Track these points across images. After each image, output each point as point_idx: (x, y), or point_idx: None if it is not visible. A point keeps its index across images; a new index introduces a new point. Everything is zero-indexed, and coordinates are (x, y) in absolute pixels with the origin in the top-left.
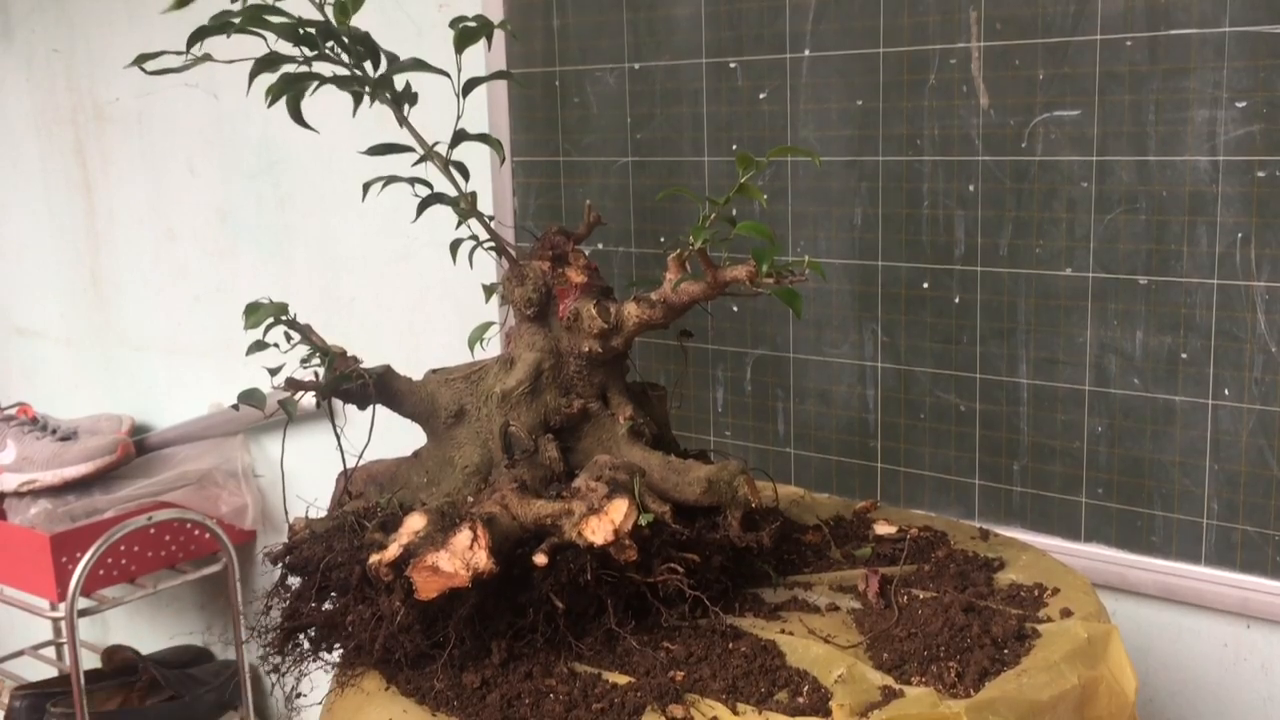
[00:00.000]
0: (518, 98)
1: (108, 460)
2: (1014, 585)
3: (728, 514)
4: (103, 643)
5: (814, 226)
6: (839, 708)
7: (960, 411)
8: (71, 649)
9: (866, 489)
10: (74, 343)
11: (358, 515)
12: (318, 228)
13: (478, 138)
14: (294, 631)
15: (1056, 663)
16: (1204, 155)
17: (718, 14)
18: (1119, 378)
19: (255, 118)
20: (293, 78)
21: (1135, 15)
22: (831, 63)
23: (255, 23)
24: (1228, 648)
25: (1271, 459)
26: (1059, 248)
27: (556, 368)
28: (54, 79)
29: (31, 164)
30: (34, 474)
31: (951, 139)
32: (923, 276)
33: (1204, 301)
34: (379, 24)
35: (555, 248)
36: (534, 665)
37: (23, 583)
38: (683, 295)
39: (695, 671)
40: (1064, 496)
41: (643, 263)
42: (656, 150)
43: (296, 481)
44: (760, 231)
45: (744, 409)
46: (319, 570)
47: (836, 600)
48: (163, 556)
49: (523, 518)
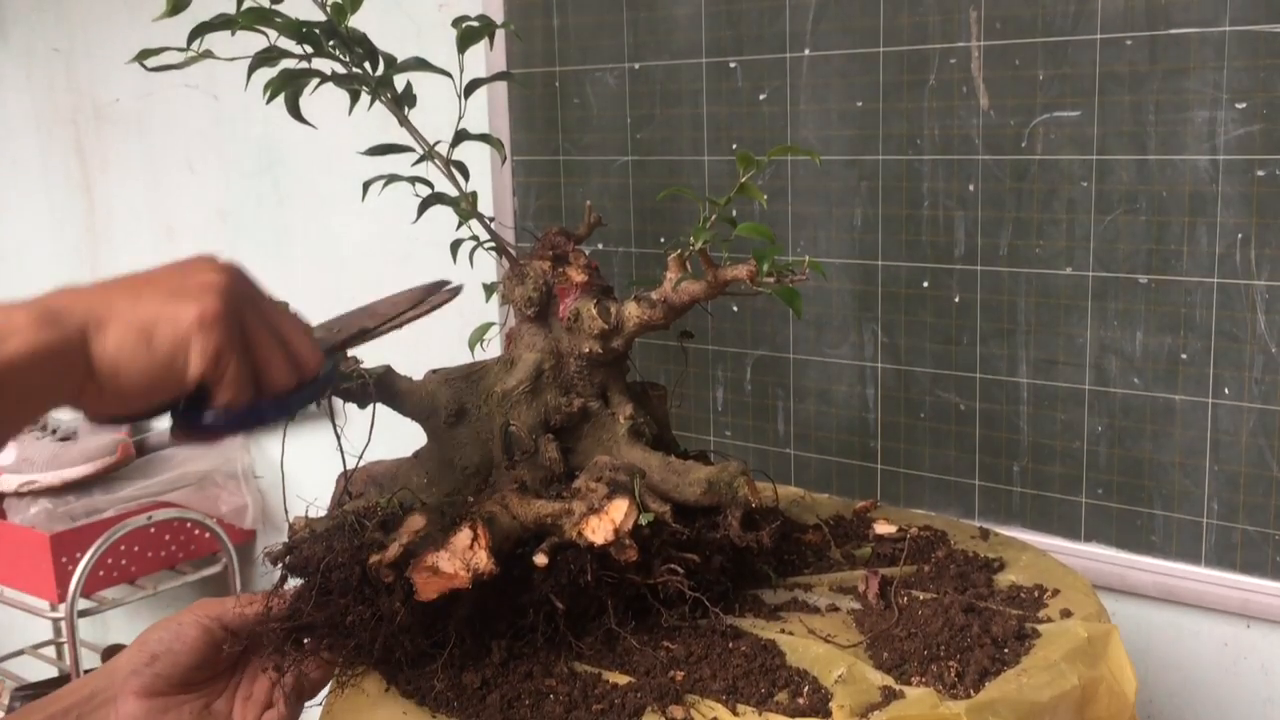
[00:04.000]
0: (518, 98)
1: (108, 460)
2: (1014, 585)
3: (728, 514)
4: (103, 643)
5: (814, 226)
6: (839, 708)
7: (960, 411)
8: (71, 649)
9: (866, 489)
10: None
11: (358, 515)
12: (318, 228)
13: (479, 138)
14: (294, 631)
15: (1056, 663)
16: (1204, 155)
17: (718, 14)
18: (1119, 377)
19: (255, 117)
20: (292, 74)
21: (1135, 15)
22: (831, 63)
23: (258, 20)
24: (1228, 648)
25: (1271, 459)
26: (1059, 247)
27: (557, 368)
28: (54, 79)
29: (31, 164)
30: (34, 474)
31: (951, 139)
32: (923, 276)
33: (1204, 301)
34: (378, 24)
35: (556, 247)
36: (534, 665)
37: (23, 583)
38: (683, 295)
39: (695, 671)
40: (1064, 496)
41: (642, 262)
42: (656, 150)
43: (296, 482)
44: (761, 232)
45: (744, 409)
46: (319, 570)
47: (836, 600)
48: (163, 557)
49: (523, 518)
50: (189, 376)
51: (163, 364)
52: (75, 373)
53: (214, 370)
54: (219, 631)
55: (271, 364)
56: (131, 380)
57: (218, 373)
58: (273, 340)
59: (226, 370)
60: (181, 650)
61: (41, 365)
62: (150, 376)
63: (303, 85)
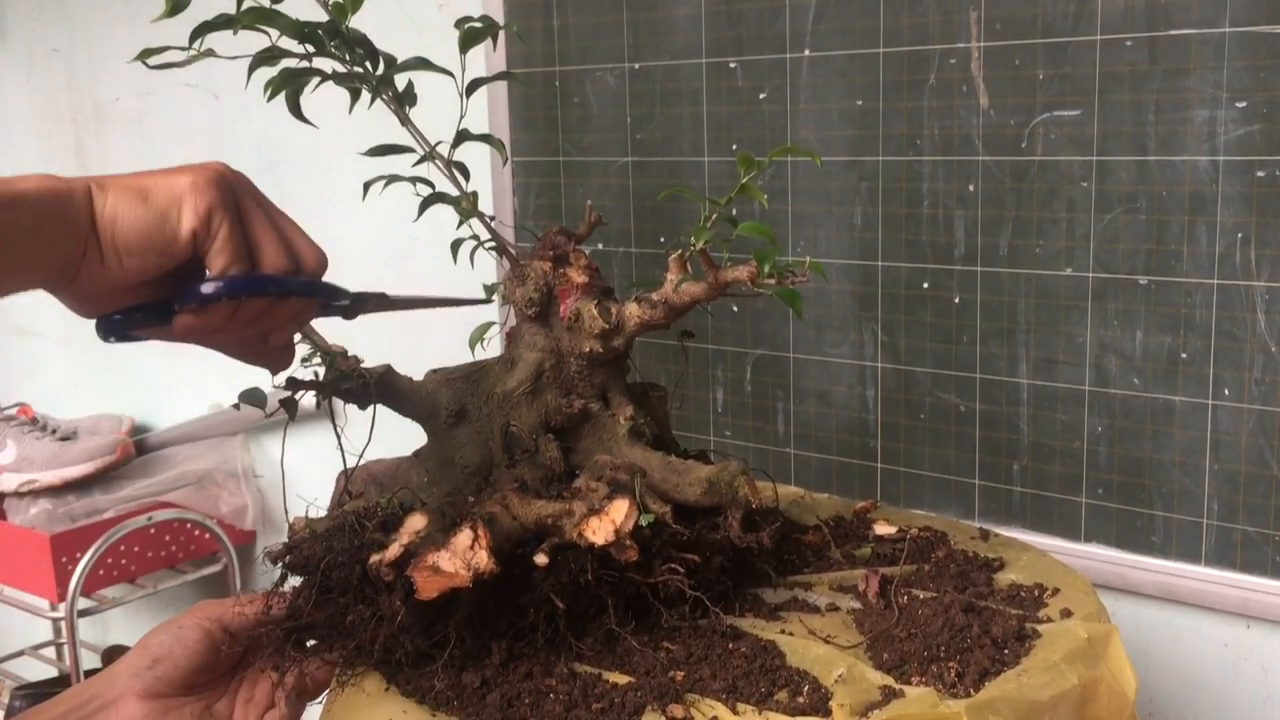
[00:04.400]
0: (518, 98)
1: (108, 460)
2: (1014, 585)
3: (728, 514)
4: (103, 643)
5: (814, 226)
6: (839, 708)
7: (960, 411)
8: (71, 649)
9: (866, 489)
10: (74, 343)
11: (358, 515)
12: (318, 228)
13: (481, 138)
14: (294, 631)
15: (1056, 663)
16: (1204, 155)
17: (718, 14)
18: (1119, 378)
19: (255, 118)
20: (293, 73)
21: (1135, 15)
22: (831, 63)
23: (260, 20)
24: (1228, 648)
25: (1271, 459)
26: (1059, 248)
27: (557, 368)
28: (54, 79)
29: (31, 164)
30: (34, 474)
31: (951, 139)
32: (923, 276)
33: (1204, 301)
34: (379, 24)
35: (556, 248)
36: (534, 665)
37: (23, 583)
38: (684, 295)
39: (695, 671)
40: (1064, 496)
41: (642, 263)
42: (656, 150)
43: (297, 482)
44: (762, 233)
45: (744, 409)
46: (319, 570)
47: (836, 600)
48: (163, 557)
49: (523, 518)
50: (182, 231)
51: (158, 217)
52: (80, 224)
53: (205, 229)
54: (219, 634)
55: (264, 240)
56: (127, 234)
57: (210, 232)
58: (267, 222)
59: (219, 232)
60: (182, 653)
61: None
62: (145, 230)
63: (303, 84)
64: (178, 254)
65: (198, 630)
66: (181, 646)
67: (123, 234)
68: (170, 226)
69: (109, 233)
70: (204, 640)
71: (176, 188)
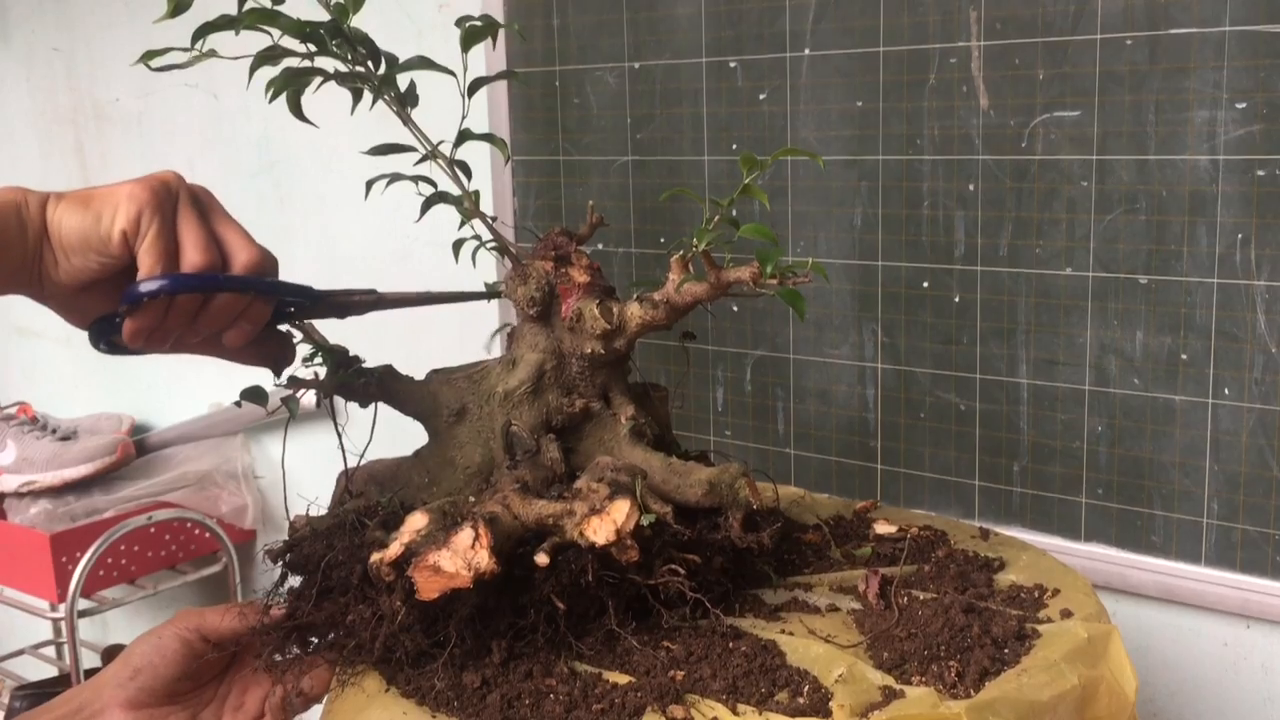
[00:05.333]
0: (518, 97)
1: (108, 460)
2: (1014, 585)
3: (729, 516)
4: (103, 643)
5: (814, 226)
6: (839, 708)
7: (960, 411)
8: (71, 649)
9: (866, 489)
10: (74, 343)
11: (359, 514)
12: (318, 228)
13: (483, 137)
14: (294, 630)
15: (1056, 663)
16: (1204, 155)
17: (718, 14)
18: (1119, 378)
19: (255, 117)
20: (294, 73)
21: (1135, 15)
22: (831, 62)
23: (262, 20)
24: (1228, 648)
25: (1271, 459)
26: (1059, 248)
27: (559, 368)
28: (54, 79)
29: (31, 164)
30: (34, 474)
31: (951, 139)
32: (923, 276)
33: (1204, 301)
34: (379, 24)
35: (558, 248)
36: (534, 665)
37: (23, 583)
38: (686, 296)
39: (695, 671)
40: (1064, 496)
41: (643, 263)
42: (656, 150)
43: (297, 481)
44: (764, 233)
45: (744, 409)
46: (319, 569)
47: (836, 601)
48: (163, 557)
49: (524, 518)
50: (115, 232)
51: (94, 219)
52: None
53: (135, 229)
54: (199, 644)
55: (186, 239)
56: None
57: (140, 233)
58: (196, 222)
59: (148, 232)
60: (161, 663)
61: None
62: (84, 231)
63: (305, 84)
64: (113, 253)
65: (177, 640)
66: (160, 656)
67: (66, 235)
68: (104, 228)
69: (57, 235)
70: (183, 650)
71: (116, 195)
